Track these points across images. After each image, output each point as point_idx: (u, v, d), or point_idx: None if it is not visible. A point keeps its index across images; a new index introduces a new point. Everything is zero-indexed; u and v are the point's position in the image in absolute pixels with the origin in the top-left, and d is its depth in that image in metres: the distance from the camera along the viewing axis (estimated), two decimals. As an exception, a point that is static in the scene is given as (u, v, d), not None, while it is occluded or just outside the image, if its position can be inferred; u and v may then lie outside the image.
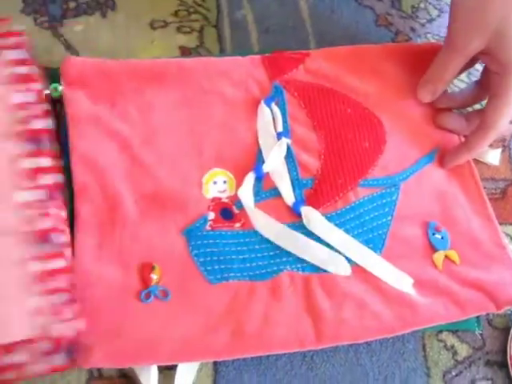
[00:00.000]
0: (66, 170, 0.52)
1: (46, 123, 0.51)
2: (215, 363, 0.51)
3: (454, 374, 0.54)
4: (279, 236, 0.53)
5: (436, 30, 0.68)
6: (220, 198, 0.54)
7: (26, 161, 0.48)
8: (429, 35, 0.68)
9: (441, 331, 0.55)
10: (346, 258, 0.53)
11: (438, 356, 0.54)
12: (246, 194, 0.54)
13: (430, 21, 0.68)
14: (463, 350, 0.55)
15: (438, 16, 0.69)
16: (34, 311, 0.44)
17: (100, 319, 0.48)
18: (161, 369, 0.49)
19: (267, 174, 0.55)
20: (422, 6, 0.69)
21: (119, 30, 0.62)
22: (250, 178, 0.54)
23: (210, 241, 0.52)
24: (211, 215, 0.53)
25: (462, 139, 0.61)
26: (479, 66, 0.61)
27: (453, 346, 0.55)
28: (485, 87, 0.58)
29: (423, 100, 0.60)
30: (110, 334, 0.47)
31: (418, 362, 0.54)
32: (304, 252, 0.52)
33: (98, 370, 0.50)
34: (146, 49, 0.61)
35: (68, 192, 0.51)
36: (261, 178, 0.55)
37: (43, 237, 0.47)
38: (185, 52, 0.62)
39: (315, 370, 0.52)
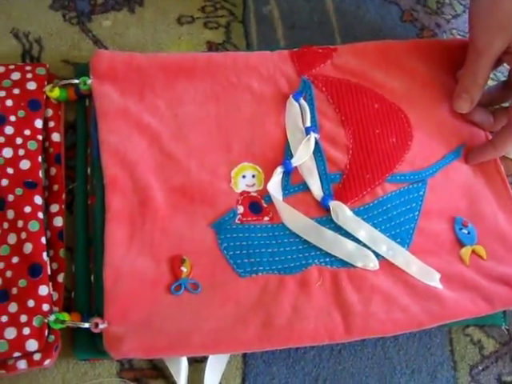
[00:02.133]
0: (96, 162, 0.52)
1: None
2: (244, 356, 0.52)
3: (480, 368, 0.54)
4: (307, 230, 0.53)
5: (461, 26, 0.68)
6: (249, 192, 0.54)
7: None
8: (454, 31, 0.68)
9: (467, 326, 0.55)
10: (374, 252, 0.53)
11: (465, 350, 0.55)
12: (275, 188, 0.54)
13: (456, 16, 0.68)
14: (490, 345, 0.55)
15: (464, 12, 0.69)
16: None
17: (131, 311, 0.48)
18: (190, 361, 0.50)
19: (295, 168, 0.55)
20: (447, 1, 0.69)
21: (147, 26, 0.62)
22: (278, 173, 0.54)
23: (240, 234, 0.52)
24: (240, 209, 0.53)
25: (489, 136, 0.61)
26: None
27: (479, 341, 0.55)
28: (511, 87, 0.58)
29: (462, 111, 0.59)
30: (140, 325, 0.48)
31: (445, 357, 0.54)
32: (332, 247, 0.52)
33: (129, 361, 0.50)
34: (173, 44, 0.62)
35: (98, 184, 0.52)
36: (289, 172, 0.55)
37: None
38: (212, 47, 0.62)
39: (343, 363, 0.53)
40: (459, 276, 0.54)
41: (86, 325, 0.47)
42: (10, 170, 0.51)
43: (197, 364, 0.50)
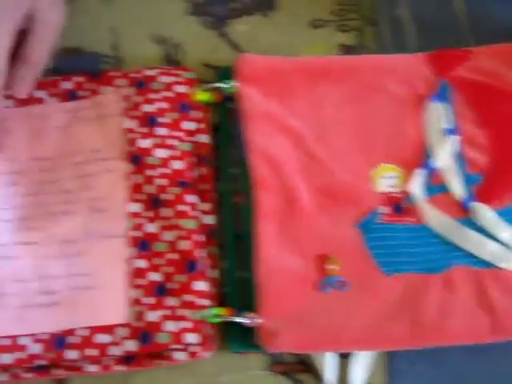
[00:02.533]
0: (244, 162, 0.54)
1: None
2: (389, 354, 0.52)
3: None
4: (450, 231, 0.53)
5: None
6: (390, 193, 0.55)
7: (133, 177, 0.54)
8: None
9: None
10: (517, 254, 0.53)
11: None
12: (417, 188, 0.55)
13: None
14: None
15: None
16: (132, 301, 0.50)
17: (282, 306, 0.50)
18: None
19: (435, 169, 0.56)
20: None
21: (281, 29, 0.64)
22: (419, 174, 0.55)
23: (384, 234, 0.53)
24: (383, 209, 0.54)
25: None
26: None
27: None
28: None
29: None
30: (292, 320, 0.50)
31: None
32: (475, 248, 0.53)
33: (279, 355, 0.52)
34: (307, 47, 0.63)
35: (246, 184, 0.53)
36: (430, 173, 0.55)
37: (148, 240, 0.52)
38: (345, 50, 0.63)
39: (491, 364, 0.52)
40: None
41: (243, 320, 0.49)
42: (165, 170, 0.53)
43: (344, 360, 0.51)
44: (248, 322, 0.49)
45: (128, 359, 0.50)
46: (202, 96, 0.57)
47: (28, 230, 0.54)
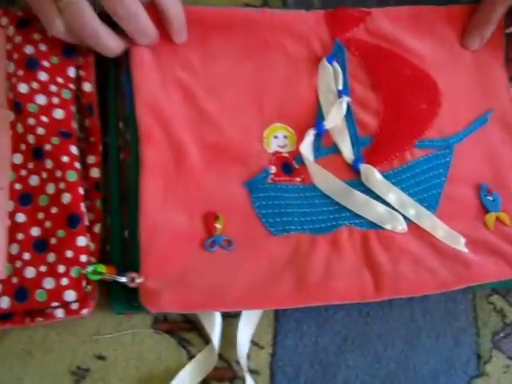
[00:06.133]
0: (131, 116, 0.52)
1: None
2: (276, 313, 0.52)
3: (502, 335, 0.55)
4: (338, 192, 0.53)
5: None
6: (281, 153, 0.54)
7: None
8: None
9: (491, 294, 0.56)
10: (402, 215, 0.53)
11: (488, 318, 0.56)
12: (307, 149, 0.54)
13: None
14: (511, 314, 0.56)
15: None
16: (11, 256, 0.48)
17: (166, 265, 0.48)
18: (224, 316, 0.50)
19: (327, 130, 0.55)
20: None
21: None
22: (310, 134, 0.54)
23: (272, 194, 0.53)
24: (272, 169, 0.53)
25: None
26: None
27: (501, 309, 0.56)
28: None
29: (472, 47, 0.60)
30: (176, 280, 0.48)
31: (469, 323, 0.55)
32: (362, 209, 0.53)
33: (163, 314, 0.51)
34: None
35: (133, 138, 0.51)
36: (321, 134, 0.55)
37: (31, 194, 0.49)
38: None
39: (371, 324, 0.53)
40: (483, 241, 0.54)
41: (123, 279, 0.47)
42: (44, 119, 0.50)
43: (230, 319, 0.51)
44: (128, 281, 0.47)
45: (4, 316, 0.47)
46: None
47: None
